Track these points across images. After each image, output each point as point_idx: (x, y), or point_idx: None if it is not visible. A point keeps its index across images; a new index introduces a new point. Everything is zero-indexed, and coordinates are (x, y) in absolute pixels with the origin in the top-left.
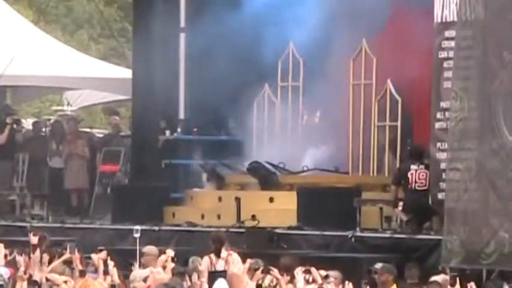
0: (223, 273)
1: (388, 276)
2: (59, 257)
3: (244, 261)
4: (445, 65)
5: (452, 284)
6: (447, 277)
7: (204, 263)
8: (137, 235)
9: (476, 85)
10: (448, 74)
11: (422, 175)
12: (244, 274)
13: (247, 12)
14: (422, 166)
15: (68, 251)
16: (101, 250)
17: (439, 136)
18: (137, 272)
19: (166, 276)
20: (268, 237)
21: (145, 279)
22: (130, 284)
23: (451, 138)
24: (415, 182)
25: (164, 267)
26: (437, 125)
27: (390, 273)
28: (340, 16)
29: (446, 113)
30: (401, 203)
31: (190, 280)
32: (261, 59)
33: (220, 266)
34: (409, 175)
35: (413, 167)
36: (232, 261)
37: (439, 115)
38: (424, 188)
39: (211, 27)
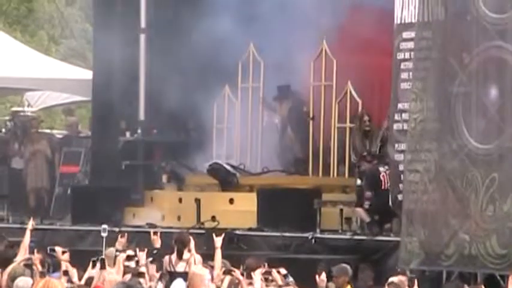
0: (183, 275)
1: (345, 278)
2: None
3: (203, 262)
4: (402, 66)
5: (410, 286)
6: (404, 278)
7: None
8: (104, 234)
9: (436, 86)
10: (404, 75)
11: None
12: (206, 274)
13: (207, 14)
14: (386, 167)
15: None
16: (64, 252)
17: (397, 137)
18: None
19: (118, 277)
20: (228, 238)
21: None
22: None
23: (411, 140)
24: (387, 183)
25: (124, 267)
26: (395, 126)
27: (346, 275)
28: (301, 16)
29: (403, 115)
30: (367, 202)
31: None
32: (221, 60)
33: (180, 267)
34: (381, 177)
35: (381, 169)
36: (193, 261)
37: (396, 116)
38: None
39: (171, 28)
